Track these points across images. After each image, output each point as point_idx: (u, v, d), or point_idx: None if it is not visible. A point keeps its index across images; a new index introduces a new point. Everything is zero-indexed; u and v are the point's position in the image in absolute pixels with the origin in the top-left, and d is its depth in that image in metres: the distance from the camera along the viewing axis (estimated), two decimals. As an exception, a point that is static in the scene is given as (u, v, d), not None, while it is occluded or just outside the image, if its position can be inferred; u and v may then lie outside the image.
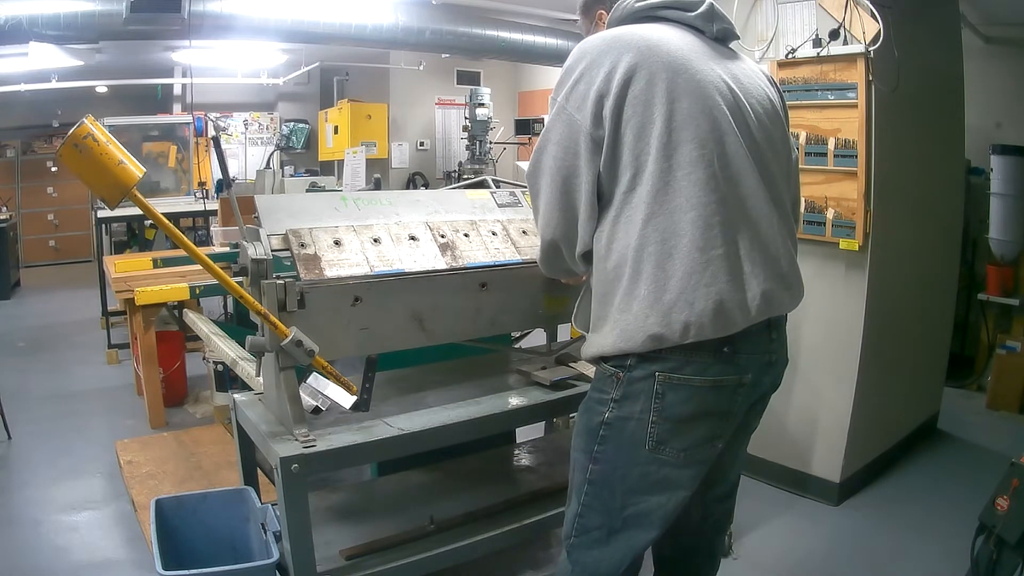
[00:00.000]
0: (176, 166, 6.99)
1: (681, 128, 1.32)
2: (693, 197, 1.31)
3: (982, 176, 4.30)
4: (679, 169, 1.32)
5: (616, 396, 1.39)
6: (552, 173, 1.42)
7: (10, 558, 2.61)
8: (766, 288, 1.37)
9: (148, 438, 3.55)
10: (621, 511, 1.42)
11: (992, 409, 4.01)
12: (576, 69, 1.40)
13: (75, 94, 7.53)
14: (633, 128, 1.33)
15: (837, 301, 2.88)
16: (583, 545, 1.46)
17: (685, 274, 1.31)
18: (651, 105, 1.33)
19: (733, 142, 1.36)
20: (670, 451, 1.38)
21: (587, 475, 1.44)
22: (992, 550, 1.97)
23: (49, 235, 9.24)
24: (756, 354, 1.42)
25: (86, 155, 1.35)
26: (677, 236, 1.31)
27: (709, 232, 1.31)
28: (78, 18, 4.49)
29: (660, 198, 1.32)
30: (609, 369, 1.41)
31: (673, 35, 1.41)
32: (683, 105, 1.33)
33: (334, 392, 1.84)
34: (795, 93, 2.84)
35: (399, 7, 5.48)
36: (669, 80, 1.34)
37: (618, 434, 1.40)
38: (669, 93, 1.33)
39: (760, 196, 1.39)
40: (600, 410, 1.42)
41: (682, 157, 1.32)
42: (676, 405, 1.36)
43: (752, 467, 3.00)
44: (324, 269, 1.68)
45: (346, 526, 1.91)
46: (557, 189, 1.42)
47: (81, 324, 5.95)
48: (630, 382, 1.37)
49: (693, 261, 1.31)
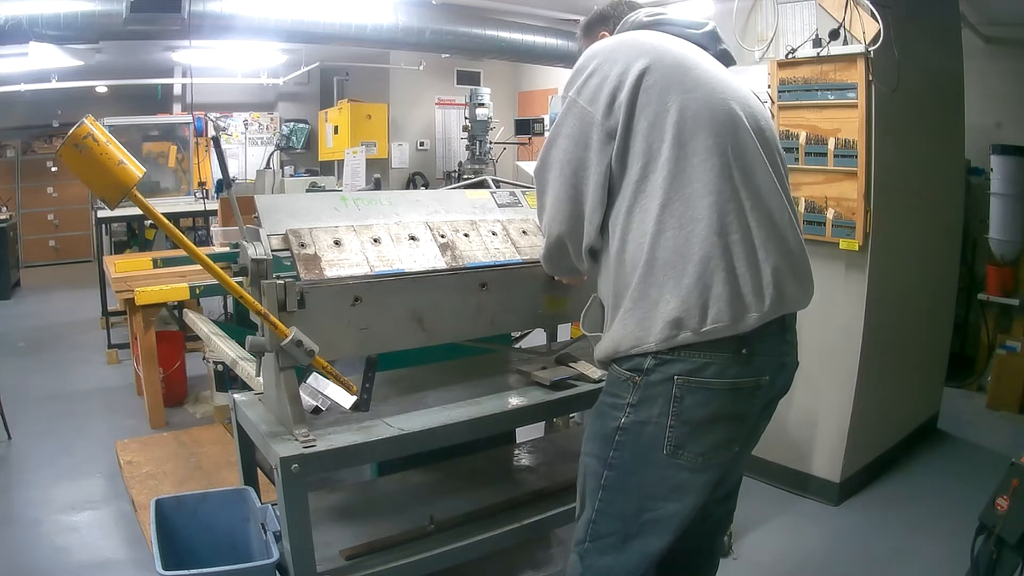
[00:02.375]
0: (176, 166, 6.99)
1: (697, 117, 1.34)
2: (710, 183, 1.32)
3: (982, 176, 4.30)
4: (695, 156, 1.33)
5: (632, 400, 1.37)
6: (561, 166, 1.42)
7: (10, 558, 2.61)
8: (779, 276, 1.37)
9: (148, 438, 3.55)
10: (637, 517, 1.40)
11: (992, 409, 4.01)
12: (588, 67, 1.42)
13: (75, 94, 7.53)
14: (648, 116, 1.35)
15: (837, 301, 2.88)
16: (597, 551, 1.44)
17: (703, 258, 1.31)
18: (666, 94, 1.35)
19: (745, 134, 1.38)
20: (688, 455, 1.36)
21: (601, 480, 1.42)
22: (992, 550, 1.96)
23: (49, 235, 9.24)
24: (772, 356, 1.42)
25: (86, 155, 1.35)
26: (695, 221, 1.31)
27: (725, 218, 1.32)
28: (78, 18, 4.49)
29: (676, 184, 1.32)
30: (624, 373, 1.39)
31: (681, 43, 1.47)
32: (697, 96, 1.36)
33: (334, 392, 1.83)
34: (795, 93, 2.84)
35: (399, 7, 5.48)
36: (682, 75, 1.37)
37: (635, 439, 1.38)
38: (682, 85, 1.36)
39: (772, 188, 1.40)
40: (615, 415, 1.39)
41: (698, 145, 1.33)
42: (695, 408, 1.34)
43: (752, 467, 3.00)
44: (324, 269, 1.68)
45: (346, 526, 1.91)
46: (566, 182, 1.42)
47: (81, 324, 5.95)
48: (648, 386, 1.35)
49: (712, 245, 1.31)
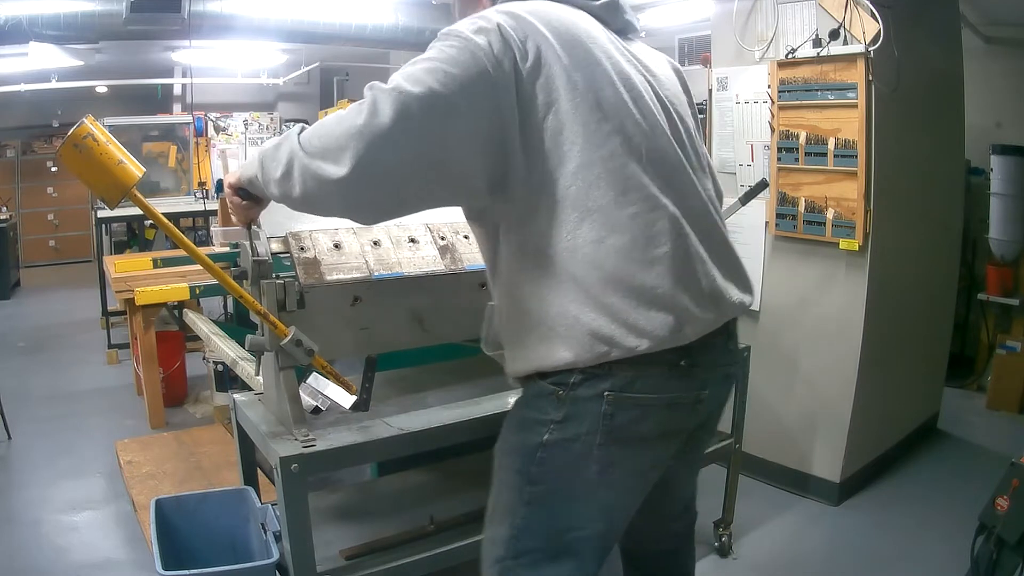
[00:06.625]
0: (176, 166, 6.98)
1: (609, 116, 1.18)
2: (625, 185, 1.17)
3: (982, 176, 4.29)
4: (611, 160, 1.17)
5: (557, 417, 1.21)
6: (434, 97, 1.11)
7: (10, 558, 2.61)
8: (718, 280, 1.25)
9: (148, 438, 3.55)
10: (562, 535, 1.26)
11: (992, 409, 4.00)
12: (471, 27, 1.17)
13: (75, 94, 7.54)
14: (547, 103, 1.17)
15: (837, 301, 2.88)
16: (524, 567, 1.27)
17: (628, 269, 1.16)
18: (566, 78, 1.16)
19: (661, 134, 1.24)
20: (619, 475, 1.24)
21: (523, 496, 1.26)
22: (992, 550, 1.97)
23: (49, 235, 9.23)
24: (715, 367, 1.28)
25: (86, 155, 1.35)
26: (616, 232, 1.16)
27: (652, 227, 1.17)
28: (78, 18, 4.50)
29: (590, 190, 1.17)
30: (547, 387, 1.22)
31: (576, 14, 1.27)
32: (601, 81, 1.19)
33: (334, 392, 1.84)
34: (795, 93, 2.84)
35: (399, 7, 5.48)
36: (583, 55, 1.19)
37: (560, 457, 1.22)
38: (585, 67, 1.18)
39: (693, 188, 1.26)
40: (538, 430, 1.23)
41: (608, 140, 1.17)
42: (627, 426, 1.20)
43: (752, 467, 3.00)
44: (324, 274, 1.68)
45: (346, 526, 1.91)
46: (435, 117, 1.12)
47: (81, 324, 5.94)
48: (574, 401, 1.19)
49: (639, 253, 1.17)
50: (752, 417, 2.59)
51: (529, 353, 1.24)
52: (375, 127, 1.10)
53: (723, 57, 3.15)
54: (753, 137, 3.04)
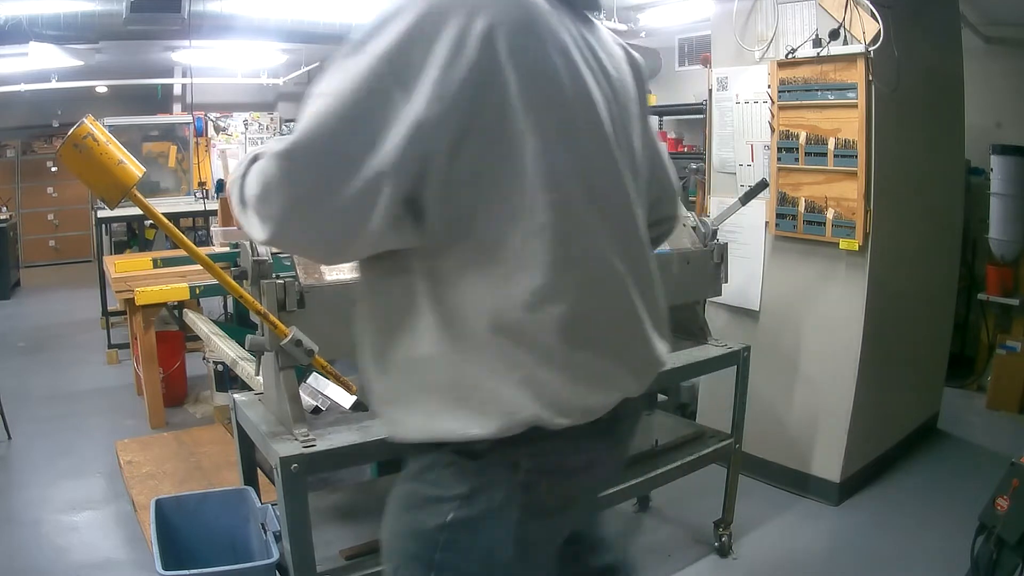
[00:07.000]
0: (176, 166, 6.98)
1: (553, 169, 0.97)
2: (571, 244, 1.00)
3: (982, 176, 4.29)
4: (552, 209, 0.97)
5: (462, 492, 1.00)
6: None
7: (10, 558, 2.61)
8: (651, 340, 1.12)
9: (148, 438, 3.55)
10: None
11: (992, 409, 4.00)
12: (397, 25, 0.96)
13: (75, 94, 7.53)
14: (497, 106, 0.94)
15: (837, 301, 2.88)
16: None
17: (550, 333, 0.99)
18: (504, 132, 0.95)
19: (615, 174, 1.07)
20: (540, 551, 1.09)
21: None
22: (992, 550, 1.96)
23: (49, 235, 9.23)
24: (637, 412, 1.18)
25: (86, 155, 1.35)
26: (554, 297, 0.98)
27: (592, 292, 1.03)
28: (78, 18, 4.50)
29: (526, 244, 0.97)
30: (446, 457, 1.01)
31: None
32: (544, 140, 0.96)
33: (334, 392, 1.84)
34: (795, 93, 2.84)
35: (399, 7, 5.48)
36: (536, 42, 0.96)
37: (469, 539, 1.01)
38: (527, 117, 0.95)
39: (635, 232, 1.11)
40: (438, 509, 1.01)
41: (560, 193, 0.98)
42: (547, 495, 1.04)
43: (752, 467, 3.00)
44: (324, 274, 1.69)
45: (346, 526, 1.91)
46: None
47: (81, 324, 5.95)
48: (481, 471, 1.00)
49: (574, 331, 1.00)
50: (752, 417, 2.59)
51: (423, 420, 1.02)
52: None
53: (723, 57, 3.15)
54: (753, 137, 3.04)
